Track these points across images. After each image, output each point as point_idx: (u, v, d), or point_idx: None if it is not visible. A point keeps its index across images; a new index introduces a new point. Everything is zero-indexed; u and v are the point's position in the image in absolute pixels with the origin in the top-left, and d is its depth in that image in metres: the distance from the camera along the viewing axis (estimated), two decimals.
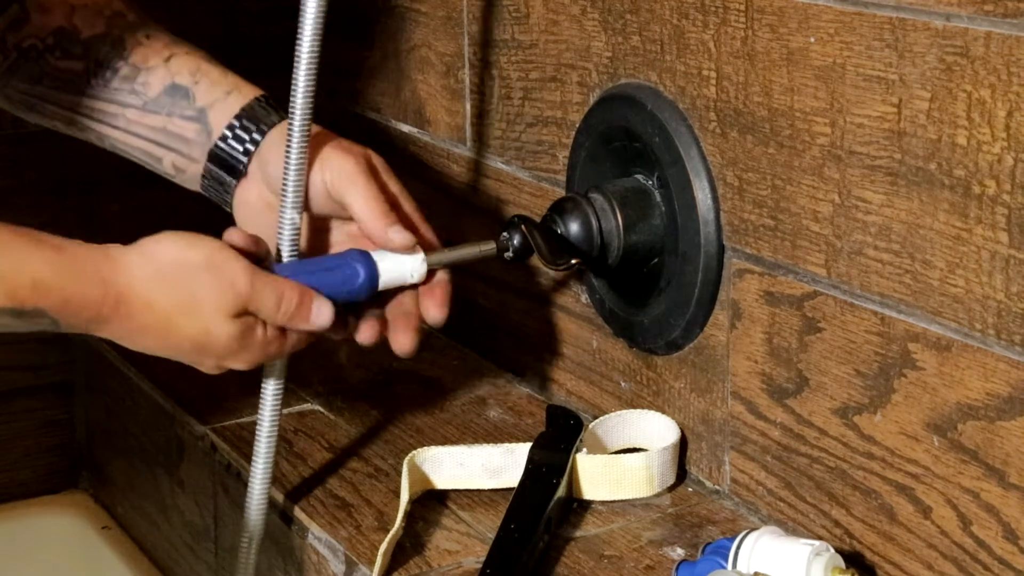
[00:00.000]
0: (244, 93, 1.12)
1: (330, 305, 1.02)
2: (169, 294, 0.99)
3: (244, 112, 1.11)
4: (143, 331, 0.99)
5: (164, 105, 1.13)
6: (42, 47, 1.15)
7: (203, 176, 1.12)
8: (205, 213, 1.62)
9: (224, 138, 1.11)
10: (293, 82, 1.02)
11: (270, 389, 1.08)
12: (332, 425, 1.28)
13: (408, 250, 1.05)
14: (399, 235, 1.04)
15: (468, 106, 1.36)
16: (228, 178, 1.11)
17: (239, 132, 1.10)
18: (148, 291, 0.98)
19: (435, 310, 1.07)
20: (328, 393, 1.34)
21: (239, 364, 1.02)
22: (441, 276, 1.08)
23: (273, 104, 1.11)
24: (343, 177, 1.06)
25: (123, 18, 1.15)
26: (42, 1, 1.14)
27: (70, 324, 0.97)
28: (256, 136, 1.10)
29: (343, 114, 1.53)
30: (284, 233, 1.05)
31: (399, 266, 1.04)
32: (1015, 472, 0.89)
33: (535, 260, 1.12)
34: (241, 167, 1.10)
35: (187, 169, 1.13)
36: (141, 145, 1.15)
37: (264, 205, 1.10)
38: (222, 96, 1.12)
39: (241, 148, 1.10)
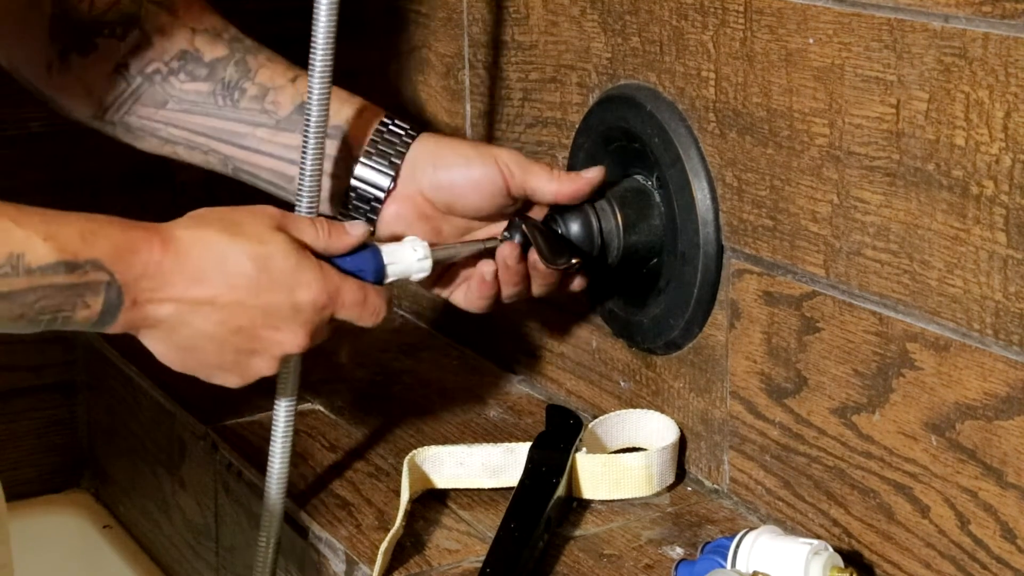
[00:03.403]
0: (374, 111, 1.15)
1: (362, 222, 1.04)
2: (213, 223, 0.99)
3: (383, 125, 1.14)
4: (198, 263, 0.97)
5: (297, 123, 1.13)
6: (167, 70, 1.15)
7: (348, 191, 1.14)
8: None
9: (368, 154, 1.13)
10: (309, 89, 1.03)
11: (283, 405, 1.09)
12: (332, 424, 1.28)
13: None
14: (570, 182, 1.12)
15: (468, 107, 1.36)
16: (376, 192, 1.13)
17: (382, 147, 1.13)
18: (189, 225, 0.99)
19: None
20: (328, 393, 1.34)
21: (306, 291, 0.99)
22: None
23: (402, 121, 1.15)
24: (521, 165, 1.12)
25: (241, 42, 1.17)
26: (163, 25, 1.15)
27: (126, 277, 0.95)
28: (400, 149, 1.13)
29: None
30: None
31: (406, 263, 1.06)
32: (1013, 471, 0.89)
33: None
34: (386, 184, 1.13)
35: (323, 186, 1.14)
36: (272, 165, 1.16)
37: (416, 215, 1.13)
38: (355, 113, 1.14)
39: (387, 162, 1.13)
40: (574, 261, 1.12)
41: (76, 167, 1.55)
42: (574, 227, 1.13)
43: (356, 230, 1.03)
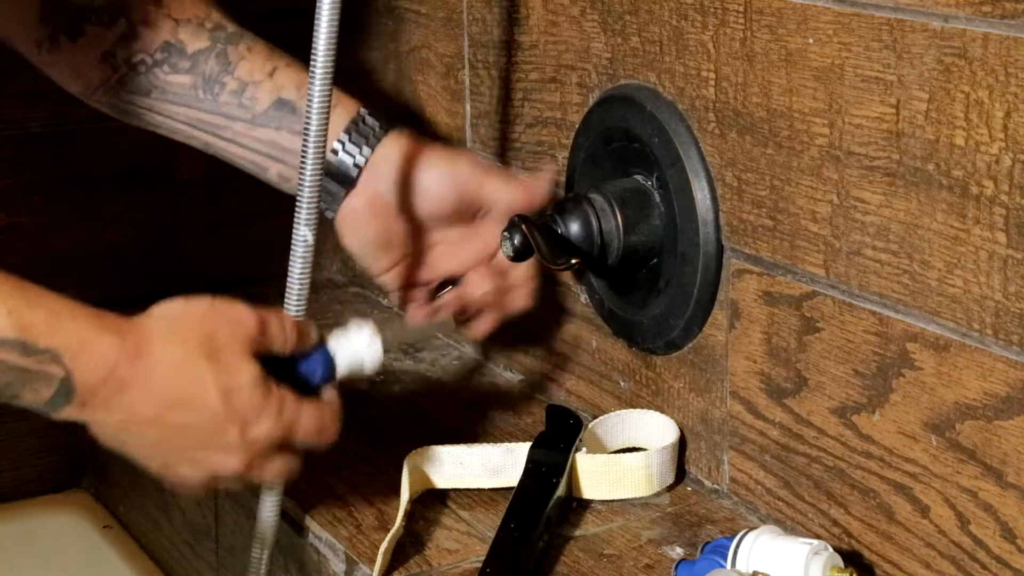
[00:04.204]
0: (347, 107, 1.17)
1: (313, 324, 1.03)
2: (187, 337, 0.95)
3: (353, 126, 1.16)
4: (163, 386, 0.94)
5: (273, 119, 1.18)
6: (151, 62, 1.19)
7: None
8: (206, 214, 1.63)
9: (335, 151, 1.15)
10: (308, 94, 1.04)
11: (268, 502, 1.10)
12: None
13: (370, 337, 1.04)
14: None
15: (468, 107, 1.36)
16: (338, 188, 1.16)
17: (350, 146, 1.15)
18: (166, 338, 0.95)
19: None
20: None
21: (262, 425, 0.97)
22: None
23: (376, 116, 1.17)
24: (479, 172, 1.16)
25: (223, 30, 1.20)
26: (147, 15, 1.18)
27: (83, 379, 0.91)
28: (366, 149, 1.15)
29: None
30: (296, 251, 1.05)
31: (356, 354, 1.03)
32: (1013, 471, 0.89)
33: (536, 260, 1.13)
34: (352, 177, 1.15)
35: (293, 178, 1.16)
36: (248, 156, 1.19)
37: (372, 214, 1.16)
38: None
39: (351, 161, 1.15)
40: (574, 261, 1.13)
41: (76, 167, 1.55)
42: (574, 227, 1.13)
43: (313, 334, 1.03)
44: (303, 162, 1.05)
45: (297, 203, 1.05)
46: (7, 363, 0.90)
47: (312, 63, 1.03)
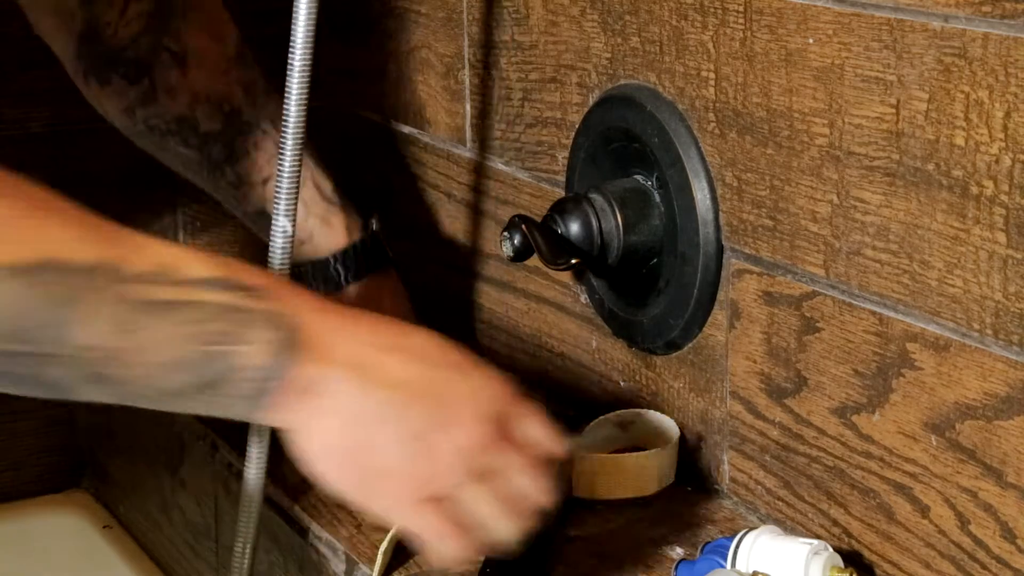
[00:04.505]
0: (316, 245, 1.21)
1: None
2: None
3: (311, 267, 1.21)
4: (374, 335, 0.80)
5: (255, 223, 1.24)
6: (165, 129, 1.23)
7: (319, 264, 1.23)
8: (208, 214, 1.63)
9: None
10: (287, 88, 1.02)
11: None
12: None
13: None
14: None
15: (468, 107, 1.36)
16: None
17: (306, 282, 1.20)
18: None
19: None
20: None
21: (485, 376, 0.84)
22: None
23: (350, 260, 1.22)
24: None
25: (239, 117, 1.23)
26: (170, 84, 1.22)
27: (299, 310, 0.77)
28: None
29: (343, 116, 1.53)
30: (276, 241, 1.04)
31: None
32: (1012, 471, 0.89)
33: (535, 260, 1.13)
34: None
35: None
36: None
37: None
38: (306, 240, 1.20)
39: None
40: (574, 261, 1.13)
41: (76, 167, 1.55)
42: (574, 227, 1.13)
43: None
44: (282, 152, 1.02)
45: (276, 193, 1.04)
46: (215, 303, 0.75)
47: (290, 55, 1.02)
